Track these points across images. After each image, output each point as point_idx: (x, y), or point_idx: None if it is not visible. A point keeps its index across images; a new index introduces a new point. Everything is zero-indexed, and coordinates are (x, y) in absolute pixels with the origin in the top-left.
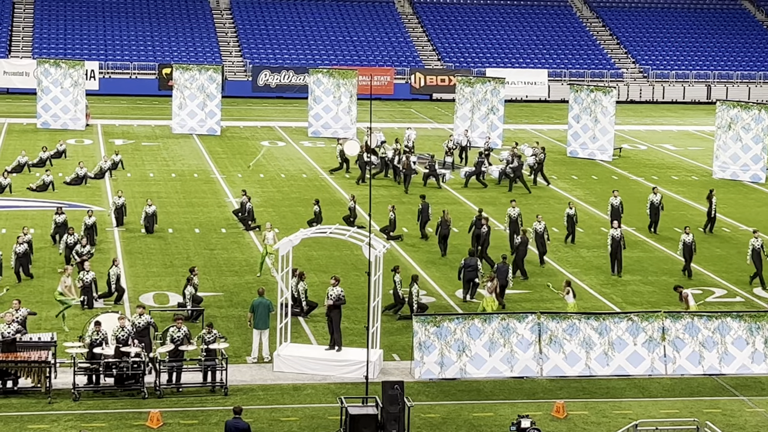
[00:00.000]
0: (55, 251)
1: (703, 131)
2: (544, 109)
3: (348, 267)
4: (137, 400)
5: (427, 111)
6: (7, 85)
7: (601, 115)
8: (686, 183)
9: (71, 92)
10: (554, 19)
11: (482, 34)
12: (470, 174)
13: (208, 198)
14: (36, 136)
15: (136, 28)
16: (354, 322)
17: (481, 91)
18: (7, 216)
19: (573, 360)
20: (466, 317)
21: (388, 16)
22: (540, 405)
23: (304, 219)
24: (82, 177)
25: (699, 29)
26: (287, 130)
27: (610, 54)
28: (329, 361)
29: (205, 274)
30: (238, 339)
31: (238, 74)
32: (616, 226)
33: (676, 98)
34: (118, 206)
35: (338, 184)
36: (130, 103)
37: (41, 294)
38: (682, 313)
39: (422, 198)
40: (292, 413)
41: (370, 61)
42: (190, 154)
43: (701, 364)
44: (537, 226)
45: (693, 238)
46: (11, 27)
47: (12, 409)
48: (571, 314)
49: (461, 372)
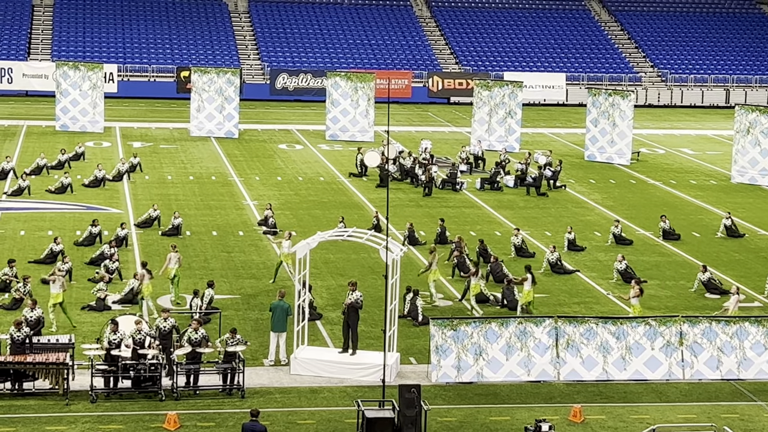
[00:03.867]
0: (79, 257)
1: (721, 135)
2: (561, 112)
3: (365, 270)
4: (154, 402)
5: (445, 114)
6: (27, 88)
7: (619, 118)
8: (704, 187)
9: (90, 95)
10: (572, 22)
11: (500, 38)
12: (485, 182)
13: (226, 201)
14: (55, 139)
15: (155, 31)
16: (371, 326)
17: (499, 95)
18: (25, 218)
19: (590, 364)
20: (483, 321)
21: (406, 20)
22: (557, 409)
23: (321, 222)
24: (101, 179)
25: (717, 33)
26: (305, 133)
27: (629, 58)
28: (346, 364)
29: (222, 276)
30: (255, 342)
31: (256, 77)
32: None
33: (695, 102)
34: (152, 218)
35: (356, 187)
36: (148, 106)
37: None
38: (700, 318)
39: (441, 221)
40: (308, 416)
41: (387, 64)
42: (208, 156)
43: (719, 369)
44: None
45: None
46: (30, 30)
47: (30, 410)
48: (588, 318)
49: (478, 376)
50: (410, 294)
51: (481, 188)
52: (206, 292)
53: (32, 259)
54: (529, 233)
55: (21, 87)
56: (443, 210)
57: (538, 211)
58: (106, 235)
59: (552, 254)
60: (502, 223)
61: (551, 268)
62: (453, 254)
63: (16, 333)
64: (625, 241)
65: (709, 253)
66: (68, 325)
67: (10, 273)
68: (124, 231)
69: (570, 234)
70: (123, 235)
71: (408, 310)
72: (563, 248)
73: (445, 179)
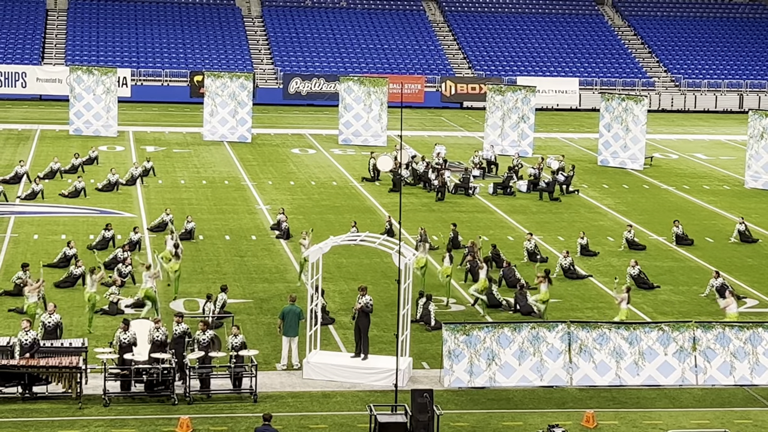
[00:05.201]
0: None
1: (735, 140)
2: (575, 117)
3: (378, 275)
4: (167, 406)
5: (458, 119)
6: (40, 92)
7: (633, 123)
8: (718, 192)
9: (103, 99)
10: (585, 27)
11: (513, 42)
12: (498, 186)
13: (239, 205)
14: (68, 143)
15: (168, 36)
16: (383, 330)
17: (512, 100)
18: (39, 222)
19: (603, 369)
20: (496, 326)
21: (419, 24)
22: (570, 414)
23: (334, 226)
24: (114, 183)
25: (731, 38)
26: (318, 138)
27: (642, 63)
28: (358, 368)
29: (235, 281)
30: (268, 346)
31: (269, 82)
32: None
33: (708, 107)
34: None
35: (368, 191)
36: (161, 110)
37: (72, 300)
38: (714, 324)
39: (453, 226)
40: (321, 420)
41: (400, 69)
42: (221, 161)
43: (732, 375)
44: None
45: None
46: (44, 34)
47: (43, 414)
48: (601, 323)
49: (491, 381)
50: (423, 299)
51: (493, 193)
52: (219, 296)
53: (46, 263)
54: (541, 238)
55: (35, 91)
56: (456, 215)
57: (551, 216)
58: (119, 239)
59: (565, 259)
60: (514, 228)
61: (564, 273)
62: (466, 259)
63: (24, 337)
64: (638, 246)
65: (723, 258)
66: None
67: (24, 277)
68: (137, 235)
69: (583, 239)
70: (136, 239)
71: (420, 314)
72: (576, 253)
73: (457, 184)
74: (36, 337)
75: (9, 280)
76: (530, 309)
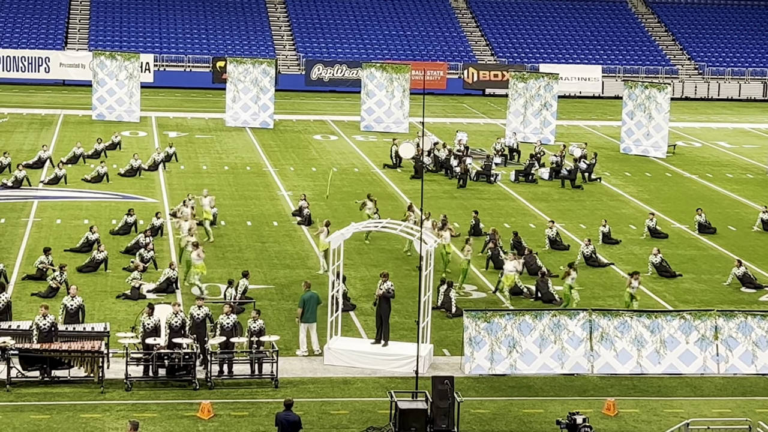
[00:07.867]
0: (115, 247)
1: (758, 129)
2: (597, 105)
3: (399, 261)
4: (188, 391)
5: (480, 106)
6: (64, 77)
7: (656, 111)
8: (741, 181)
9: (126, 84)
10: (609, 14)
11: (536, 30)
12: (520, 174)
13: (261, 191)
14: (91, 128)
15: (191, 21)
16: (405, 317)
17: (535, 87)
18: (62, 206)
19: (624, 358)
20: (517, 313)
21: (442, 11)
22: (591, 402)
23: (355, 213)
24: (137, 169)
25: (756, 26)
26: (339, 124)
27: (665, 50)
28: (379, 355)
29: (256, 266)
30: (289, 332)
31: (291, 68)
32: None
33: (732, 95)
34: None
35: (390, 178)
36: (184, 96)
37: (95, 284)
38: (736, 312)
39: (475, 213)
40: (341, 406)
41: (423, 55)
42: (243, 147)
43: (754, 364)
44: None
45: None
46: (68, 19)
47: (65, 398)
48: (623, 311)
49: (511, 368)
50: (444, 285)
51: (515, 180)
52: (240, 282)
53: (68, 248)
54: (563, 226)
55: (58, 76)
56: (477, 202)
57: (573, 203)
58: (142, 225)
59: (587, 247)
60: (536, 216)
61: (586, 261)
62: (487, 246)
63: (42, 322)
64: (661, 235)
65: (745, 247)
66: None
67: (46, 261)
68: (160, 220)
69: (605, 227)
70: (158, 224)
71: (442, 301)
72: (598, 241)
73: (479, 171)
74: (54, 322)
75: (32, 264)
76: (552, 297)
